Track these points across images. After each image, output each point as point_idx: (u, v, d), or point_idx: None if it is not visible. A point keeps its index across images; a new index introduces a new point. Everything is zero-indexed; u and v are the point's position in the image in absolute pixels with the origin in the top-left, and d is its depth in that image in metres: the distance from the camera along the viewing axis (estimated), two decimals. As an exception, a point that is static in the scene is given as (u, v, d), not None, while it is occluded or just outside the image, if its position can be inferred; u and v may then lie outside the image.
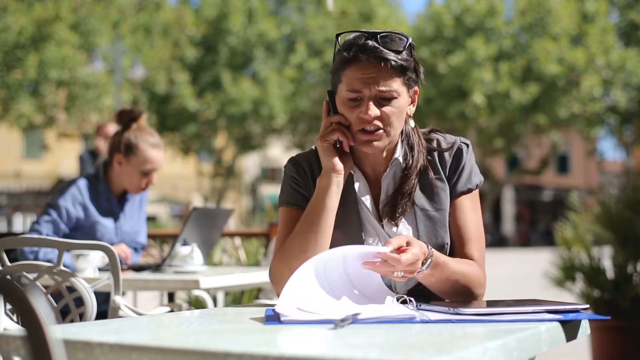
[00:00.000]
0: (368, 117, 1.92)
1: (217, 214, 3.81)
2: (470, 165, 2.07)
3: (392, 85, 1.92)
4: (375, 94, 1.92)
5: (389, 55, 1.90)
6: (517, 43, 27.80)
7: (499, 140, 29.53)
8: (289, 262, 1.93)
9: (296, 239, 1.96)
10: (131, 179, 3.48)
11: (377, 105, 1.93)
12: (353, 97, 1.93)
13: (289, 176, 2.09)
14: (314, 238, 1.94)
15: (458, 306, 1.70)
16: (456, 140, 2.09)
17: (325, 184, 1.97)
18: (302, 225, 1.97)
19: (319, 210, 1.96)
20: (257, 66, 27.86)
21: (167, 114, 27.36)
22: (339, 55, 1.97)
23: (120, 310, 2.72)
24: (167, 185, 36.09)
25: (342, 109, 1.97)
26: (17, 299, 1.12)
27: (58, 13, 22.57)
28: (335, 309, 1.68)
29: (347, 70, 1.93)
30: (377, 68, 1.90)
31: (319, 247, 1.94)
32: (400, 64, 1.92)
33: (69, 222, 3.40)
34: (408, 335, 1.43)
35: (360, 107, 1.93)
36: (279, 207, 2.10)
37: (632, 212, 5.32)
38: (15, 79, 22.87)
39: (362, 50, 1.91)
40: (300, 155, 2.13)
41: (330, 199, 1.97)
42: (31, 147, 35.38)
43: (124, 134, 3.49)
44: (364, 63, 1.91)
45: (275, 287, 1.99)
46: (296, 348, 1.30)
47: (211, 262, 5.33)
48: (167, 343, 1.35)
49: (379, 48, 1.90)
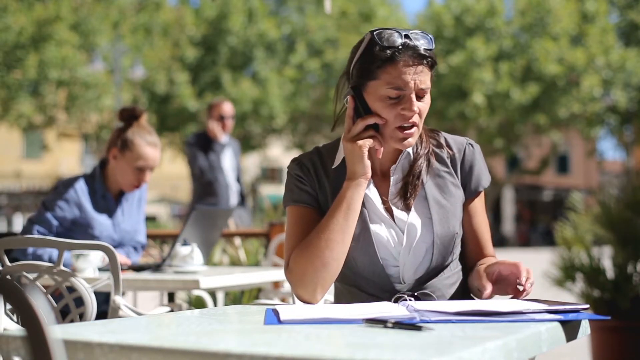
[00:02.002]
0: (412, 113, 1.95)
1: (217, 214, 3.81)
2: (481, 166, 2.11)
3: (427, 82, 1.98)
4: (417, 90, 1.96)
5: (426, 53, 1.96)
6: (517, 43, 27.79)
7: (499, 140, 29.52)
8: (312, 260, 1.94)
9: (321, 237, 1.95)
10: (124, 175, 3.48)
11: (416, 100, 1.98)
12: (395, 95, 1.95)
13: (293, 175, 2.09)
14: (341, 238, 1.95)
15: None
16: (464, 140, 2.14)
17: (355, 189, 1.98)
18: (329, 225, 1.96)
19: (346, 212, 1.97)
20: (257, 66, 27.84)
21: (167, 114, 27.35)
22: (376, 52, 1.96)
23: (120, 310, 2.72)
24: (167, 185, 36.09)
25: (377, 107, 1.97)
26: (17, 299, 1.12)
27: (58, 13, 22.58)
28: (336, 308, 1.69)
29: (389, 67, 1.94)
30: (417, 65, 1.95)
31: (344, 246, 1.96)
32: (433, 59, 1.99)
33: (64, 222, 3.40)
34: (408, 335, 1.42)
35: (400, 104, 1.96)
36: (285, 207, 2.10)
37: (632, 212, 5.32)
38: (15, 79, 22.87)
39: (404, 49, 1.94)
40: (303, 155, 2.13)
41: (358, 203, 1.98)
42: (31, 147, 35.39)
43: (123, 131, 3.50)
44: (407, 61, 1.94)
45: (297, 287, 1.97)
46: (296, 348, 1.30)
47: (211, 262, 5.33)
48: (167, 343, 1.35)
49: (418, 46, 1.95)
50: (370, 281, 2.03)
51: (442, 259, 2.03)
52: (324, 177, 2.08)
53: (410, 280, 2.01)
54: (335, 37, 28.12)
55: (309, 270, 1.93)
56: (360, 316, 1.60)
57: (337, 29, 28.14)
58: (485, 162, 2.14)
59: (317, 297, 1.96)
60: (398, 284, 2.01)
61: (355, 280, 2.05)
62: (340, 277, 2.08)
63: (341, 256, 1.96)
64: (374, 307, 1.74)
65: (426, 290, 2.01)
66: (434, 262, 2.02)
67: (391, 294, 1.99)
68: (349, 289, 2.07)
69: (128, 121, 3.52)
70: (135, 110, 3.53)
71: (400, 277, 2.01)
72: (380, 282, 2.02)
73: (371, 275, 2.02)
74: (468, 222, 2.10)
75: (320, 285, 1.95)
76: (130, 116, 3.52)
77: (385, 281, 2.02)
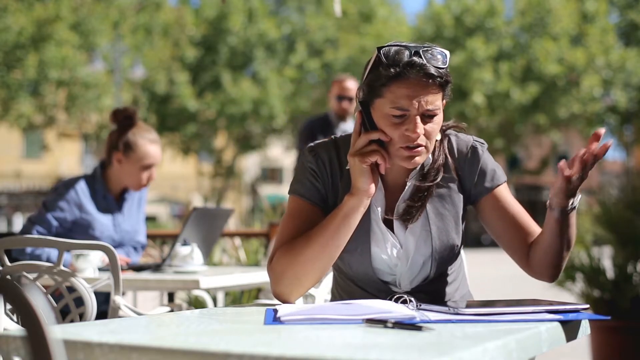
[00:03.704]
0: (415, 136, 1.87)
1: (217, 214, 3.81)
2: (492, 164, 2.05)
3: (436, 103, 1.89)
4: (422, 112, 1.87)
5: (436, 72, 1.86)
6: (517, 43, 27.81)
7: (499, 140, 29.53)
8: (293, 265, 1.91)
9: (308, 245, 1.91)
10: (132, 176, 3.50)
11: (422, 122, 1.88)
12: (398, 114, 1.87)
13: (308, 167, 2.02)
14: (329, 252, 1.92)
15: (458, 306, 1.70)
16: (469, 140, 2.07)
17: (355, 205, 1.92)
18: (320, 235, 1.92)
19: (342, 227, 1.92)
20: (257, 66, 27.86)
21: (167, 114, 27.36)
22: (381, 70, 1.88)
23: (120, 310, 2.72)
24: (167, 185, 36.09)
25: (382, 124, 1.90)
26: (17, 299, 1.12)
27: (58, 13, 22.59)
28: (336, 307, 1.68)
29: (393, 86, 1.86)
30: (424, 85, 1.86)
31: (330, 260, 1.94)
32: (445, 79, 1.89)
33: (65, 223, 3.41)
34: (408, 335, 1.42)
35: (404, 124, 1.87)
36: (289, 194, 2.04)
37: (632, 212, 5.32)
38: (15, 79, 22.88)
39: (409, 67, 1.85)
40: (319, 145, 2.05)
41: (355, 220, 1.93)
42: (31, 147, 35.39)
43: (122, 133, 3.51)
44: (412, 80, 1.85)
45: (274, 284, 1.93)
46: (296, 348, 1.30)
47: (211, 262, 5.33)
48: (167, 343, 1.35)
49: (426, 65, 1.85)
50: (366, 284, 2.04)
51: (441, 270, 2.03)
52: (338, 176, 2.03)
53: (407, 288, 2.02)
54: (335, 37, 28.15)
55: (288, 272, 1.90)
56: (360, 316, 1.60)
57: (337, 29, 28.16)
58: (493, 158, 2.08)
59: (291, 299, 1.93)
60: (394, 287, 2.02)
61: (352, 278, 2.06)
62: (336, 269, 2.10)
63: (324, 268, 1.93)
64: (374, 306, 1.74)
65: (422, 294, 2.00)
66: (432, 274, 2.01)
67: (387, 294, 1.98)
68: (345, 282, 2.08)
69: (122, 123, 3.54)
70: (128, 111, 3.55)
71: (397, 283, 2.02)
72: (375, 286, 2.03)
73: (365, 282, 2.03)
74: (502, 217, 2.00)
75: (296, 289, 1.92)
76: (124, 117, 3.54)
77: (380, 286, 2.02)
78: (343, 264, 2.02)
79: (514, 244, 2.01)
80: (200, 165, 34.48)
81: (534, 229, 2.00)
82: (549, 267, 1.96)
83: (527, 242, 1.99)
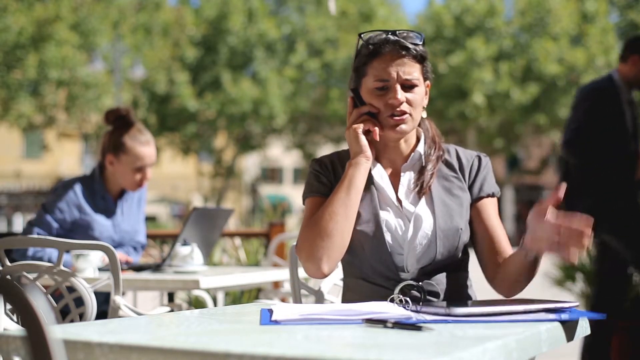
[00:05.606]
0: (397, 101, 2.06)
1: (217, 214, 3.81)
2: (492, 176, 2.20)
3: (413, 74, 2.08)
4: (401, 81, 2.07)
5: (410, 45, 2.07)
6: (517, 43, 27.78)
7: (499, 140, 29.52)
8: (317, 233, 2.02)
9: (325, 212, 2.04)
10: (125, 177, 3.51)
11: (403, 91, 2.08)
12: (380, 86, 2.08)
13: (313, 171, 2.20)
14: (343, 211, 2.04)
15: (456, 306, 1.70)
16: (475, 152, 2.24)
17: (355, 167, 2.08)
18: (330, 200, 2.06)
19: (348, 188, 2.06)
20: (257, 66, 27.84)
21: (167, 114, 27.35)
22: (362, 52, 2.12)
23: (120, 310, 2.72)
24: (167, 185, 36.10)
25: (369, 100, 2.11)
26: (17, 299, 1.12)
27: (58, 13, 22.58)
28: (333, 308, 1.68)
29: (374, 62, 2.09)
30: (400, 57, 2.07)
31: (348, 220, 2.04)
32: (420, 53, 2.09)
33: (64, 224, 3.41)
34: (408, 335, 1.43)
35: (387, 94, 2.08)
36: (304, 200, 2.19)
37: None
38: (15, 79, 22.87)
39: (385, 43, 2.08)
40: (323, 156, 2.26)
41: (359, 180, 2.07)
42: (31, 147, 35.40)
43: (114, 134, 3.52)
44: (388, 54, 2.07)
45: (304, 260, 2.04)
46: (296, 348, 1.30)
47: (211, 262, 5.33)
48: (167, 343, 1.35)
49: (401, 40, 2.08)
50: (376, 269, 2.08)
51: (447, 253, 2.08)
52: (341, 172, 2.17)
53: (414, 268, 2.07)
54: (335, 37, 28.13)
55: (315, 242, 2.02)
56: (359, 316, 1.60)
57: (337, 29, 28.14)
58: (493, 174, 2.22)
59: (323, 268, 2.03)
60: (402, 272, 2.07)
61: (361, 270, 2.11)
62: (346, 271, 2.17)
63: (345, 229, 2.04)
64: (373, 307, 1.74)
65: (430, 281, 2.06)
66: (438, 255, 2.07)
67: (396, 282, 2.04)
68: (355, 281, 2.13)
69: (115, 124, 3.54)
70: (120, 111, 3.55)
71: (405, 265, 2.06)
72: (385, 270, 2.07)
73: (377, 262, 2.07)
74: (483, 225, 2.14)
75: (325, 256, 2.02)
76: (116, 118, 3.54)
77: (390, 268, 2.07)
78: (356, 246, 2.09)
79: (484, 256, 2.14)
80: (200, 165, 34.48)
81: (505, 248, 2.12)
82: (508, 290, 2.09)
83: (496, 259, 2.11)
